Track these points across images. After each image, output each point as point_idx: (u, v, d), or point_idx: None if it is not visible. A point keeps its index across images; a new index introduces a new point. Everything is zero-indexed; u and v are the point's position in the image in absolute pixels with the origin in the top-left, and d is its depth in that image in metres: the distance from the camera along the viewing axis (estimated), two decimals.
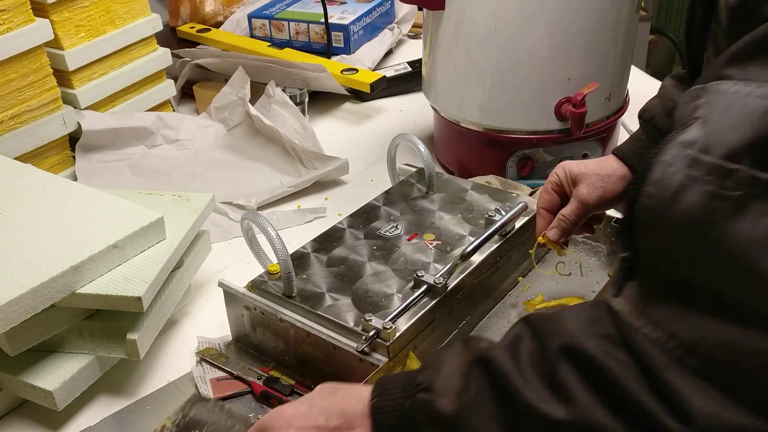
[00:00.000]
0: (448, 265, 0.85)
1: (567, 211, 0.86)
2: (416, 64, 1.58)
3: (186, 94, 1.56)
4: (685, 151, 0.48)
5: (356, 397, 0.61)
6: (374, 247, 0.92)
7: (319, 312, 0.81)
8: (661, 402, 0.47)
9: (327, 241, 0.94)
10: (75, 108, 1.26)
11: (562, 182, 0.89)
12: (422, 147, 1.02)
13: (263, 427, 0.63)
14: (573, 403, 0.50)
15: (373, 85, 1.43)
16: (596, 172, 0.87)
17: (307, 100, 1.41)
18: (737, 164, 0.45)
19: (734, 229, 0.45)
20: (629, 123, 1.30)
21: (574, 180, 0.88)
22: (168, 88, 1.43)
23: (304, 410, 0.62)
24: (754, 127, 0.45)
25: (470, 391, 0.54)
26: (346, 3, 1.72)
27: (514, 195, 1.02)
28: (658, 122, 0.90)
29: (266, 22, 1.66)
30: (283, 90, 1.36)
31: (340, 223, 0.98)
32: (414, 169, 1.09)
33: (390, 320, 0.77)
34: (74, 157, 1.27)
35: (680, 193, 0.47)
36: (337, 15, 1.64)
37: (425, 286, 0.83)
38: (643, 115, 0.92)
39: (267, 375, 0.85)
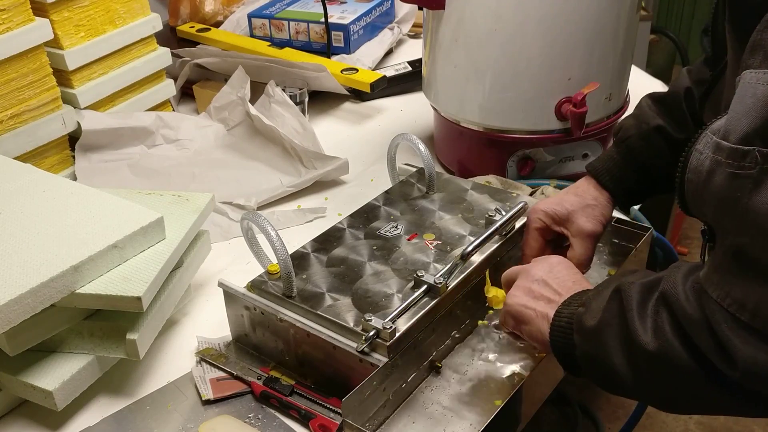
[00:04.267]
0: (448, 265, 0.85)
1: (581, 252, 0.87)
2: (416, 64, 1.58)
3: (186, 94, 1.56)
4: (713, 138, 0.56)
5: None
6: (374, 247, 0.92)
7: (318, 312, 0.81)
8: (717, 348, 0.56)
9: (327, 241, 0.94)
10: (75, 108, 1.25)
11: (549, 225, 0.89)
12: (422, 147, 1.02)
13: (515, 272, 0.79)
14: (660, 338, 0.61)
15: (373, 85, 1.43)
16: (583, 204, 0.88)
17: (307, 99, 1.41)
18: (750, 146, 0.52)
19: (756, 201, 0.52)
20: None
21: (566, 219, 0.88)
22: (168, 88, 1.43)
23: (543, 275, 0.76)
24: (761, 112, 0.52)
25: (606, 314, 0.66)
26: (346, 2, 1.72)
27: (515, 195, 1.02)
28: (632, 144, 0.89)
29: (266, 21, 1.66)
30: (283, 90, 1.36)
31: (340, 223, 0.98)
32: (414, 169, 1.09)
33: (390, 320, 0.77)
34: (74, 157, 1.27)
35: (710, 175, 0.56)
36: (337, 14, 1.64)
37: (425, 286, 0.83)
38: (618, 133, 0.92)
39: (267, 375, 0.85)
